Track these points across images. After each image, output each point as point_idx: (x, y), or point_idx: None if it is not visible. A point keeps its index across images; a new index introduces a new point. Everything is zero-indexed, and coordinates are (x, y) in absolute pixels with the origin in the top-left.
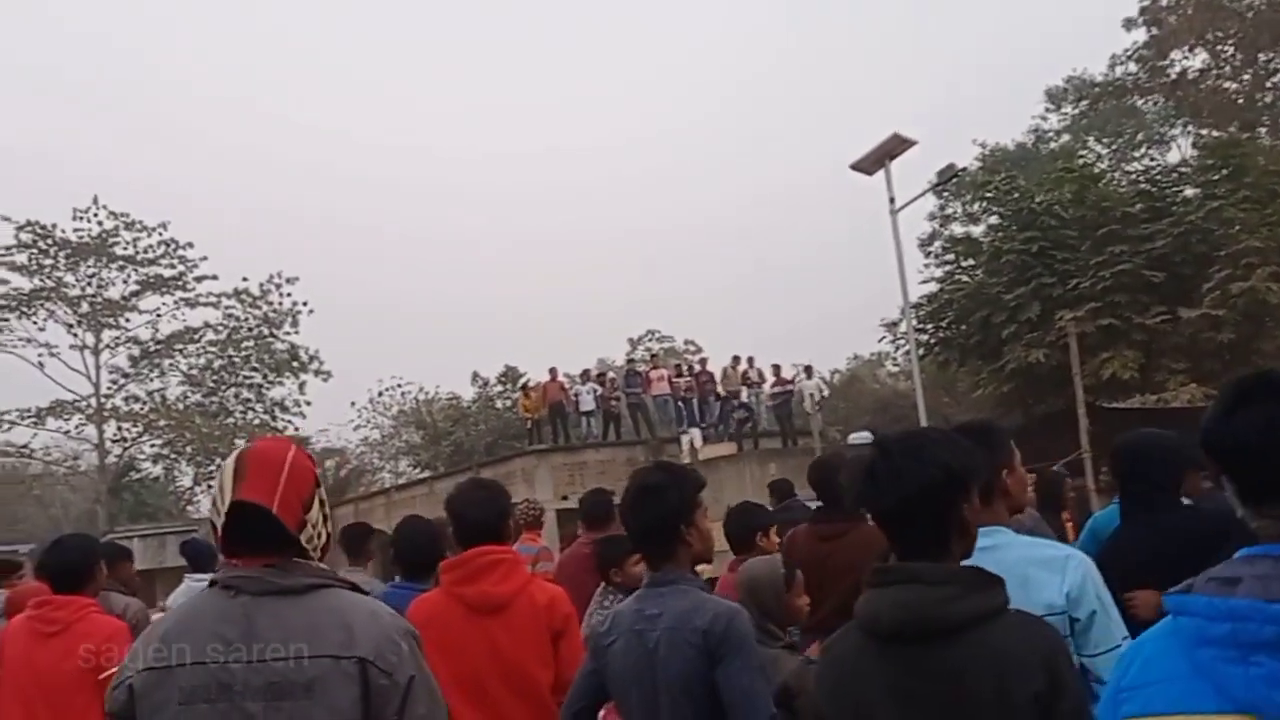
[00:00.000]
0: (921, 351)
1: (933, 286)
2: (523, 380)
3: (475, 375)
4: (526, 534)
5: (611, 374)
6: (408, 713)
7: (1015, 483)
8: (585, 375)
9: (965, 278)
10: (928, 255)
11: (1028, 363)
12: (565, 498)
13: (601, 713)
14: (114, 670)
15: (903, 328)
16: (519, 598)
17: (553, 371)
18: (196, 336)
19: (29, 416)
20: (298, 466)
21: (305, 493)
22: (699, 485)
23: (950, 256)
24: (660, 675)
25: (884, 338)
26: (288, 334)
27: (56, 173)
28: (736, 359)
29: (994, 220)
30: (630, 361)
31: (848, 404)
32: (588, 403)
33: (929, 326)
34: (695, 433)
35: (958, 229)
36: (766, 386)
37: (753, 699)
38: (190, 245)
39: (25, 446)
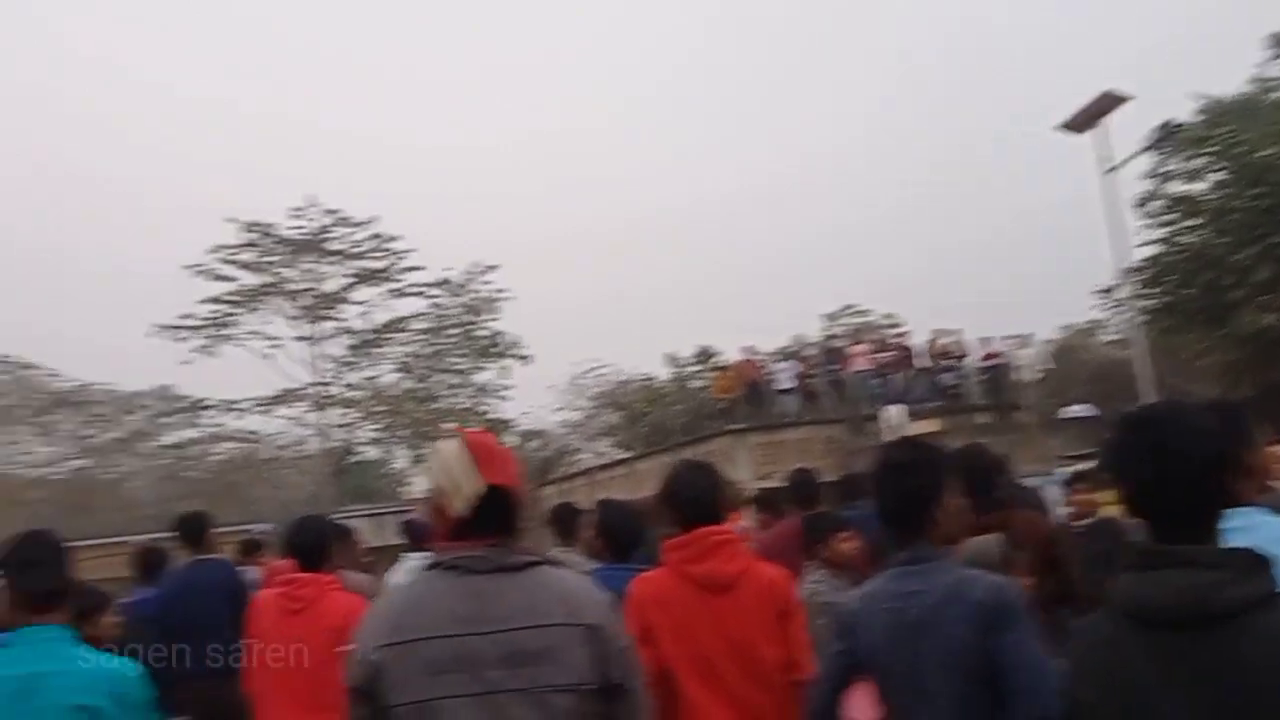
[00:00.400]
0: (1143, 318)
1: (1150, 250)
2: (715, 359)
3: (670, 356)
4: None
5: (810, 351)
6: (629, 675)
7: (1261, 459)
8: (782, 353)
9: (1188, 239)
10: (1144, 217)
11: (1259, 328)
12: (764, 477)
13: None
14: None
15: (1121, 293)
16: (746, 577)
17: (748, 350)
18: (405, 325)
19: (260, 405)
20: (513, 454)
21: (521, 480)
22: (950, 462)
23: (1170, 217)
24: (927, 650)
25: (1099, 305)
26: (489, 320)
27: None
28: (939, 332)
29: (1217, 177)
30: (829, 338)
31: (1060, 375)
32: (785, 380)
33: (1150, 291)
34: (897, 409)
35: (1177, 187)
36: (974, 359)
37: (1039, 668)
38: (398, 238)
39: (254, 433)
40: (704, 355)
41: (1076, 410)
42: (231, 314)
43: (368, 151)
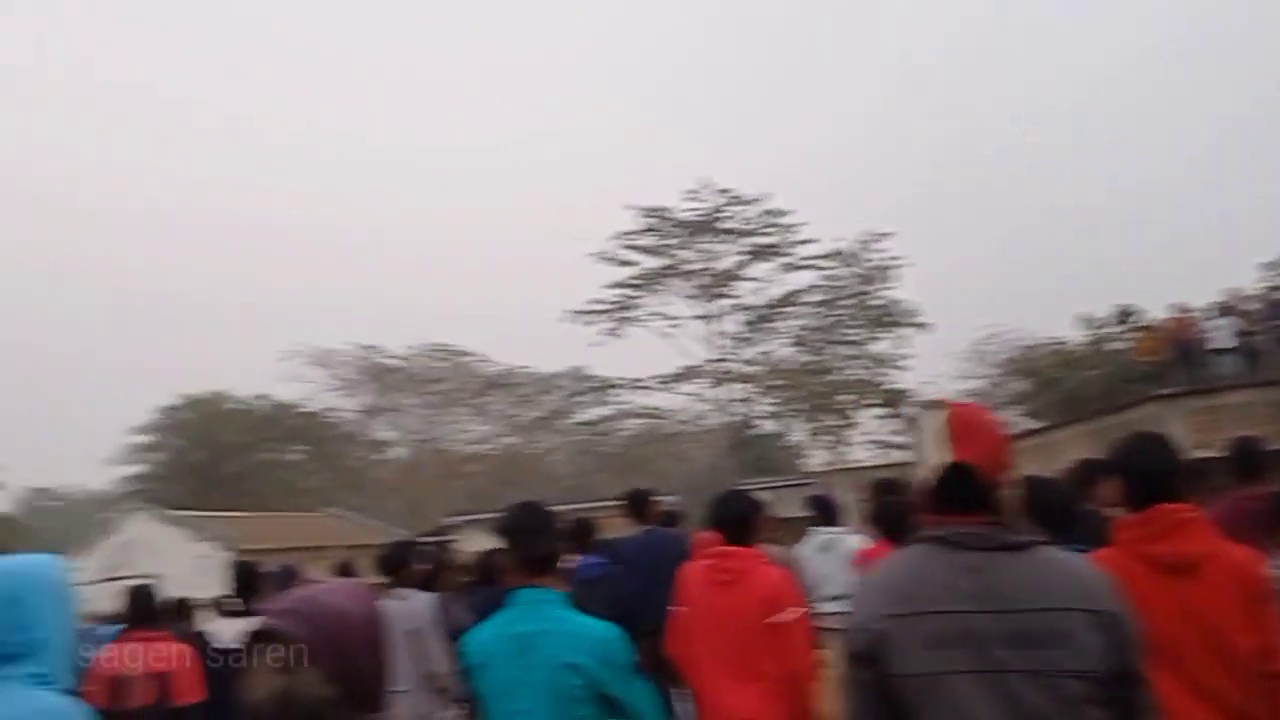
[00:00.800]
0: None
1: None
2: (1136, 319)
3: (1084, 318)
4: None
5: (1250, 304)
6: (1141, 662)
7: None
8: (1219, 308)
9: None
10: None
11: None
12: (1201, 447)
13: None
14: (784, 616)
15: None
16: (1212, 558)
17: (1179, 307)
18: (799, 299)
19: (664, 382)
20: (997, 430)
21: (1003, 458)
22: None
23: None
24: None
25: None
26: (884, 289)
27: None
28: None
29: None
30: (1273, 289)
31: None
32: (1223, 339)
33: None
34: None
35: None
36: None
37: None
38: (789, 212)
39: (658, 409)
40: (1124, 315)
41: None
42: (634, 297)
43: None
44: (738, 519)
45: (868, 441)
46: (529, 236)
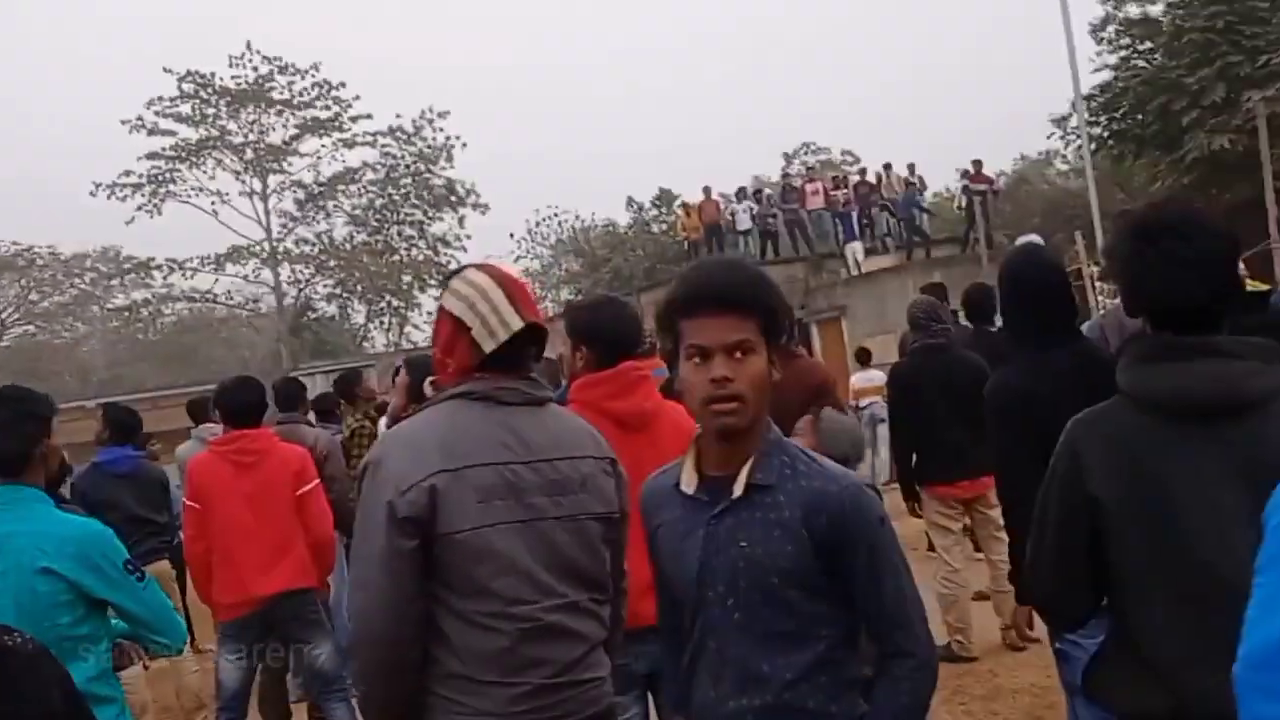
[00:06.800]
0: (1094, 146)
1: (1106, 75)
2: (678, 201)
3: (630, 200)
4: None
5: (768, 191)
6: (628, 503)
7: None
8: (741, 193)
9: (1142, 63)
10: (1100, 42)
11: (1211, 150)
12: None
13: None
14: (309, 487)
15: (1074, 122)
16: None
17: (707, 190)
18: (357, 176)
19: (209, 263)
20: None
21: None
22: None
23: (1125, 41)
24: None
25: (1053, 134)
26: (444, 169)
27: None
28: (888, 166)
29: None
30: (786, 177)
31: (1015, 207)
32: (744, 221)
33: (1102, 119)
34: (856, 245)
35: (1134, 10)
36: (956, 185)
37: None
38: (343, 85)
39: (208, 292)
40: (665, 198)
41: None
42: (172, 170)
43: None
44: (251, 405)
45: (430, 322)
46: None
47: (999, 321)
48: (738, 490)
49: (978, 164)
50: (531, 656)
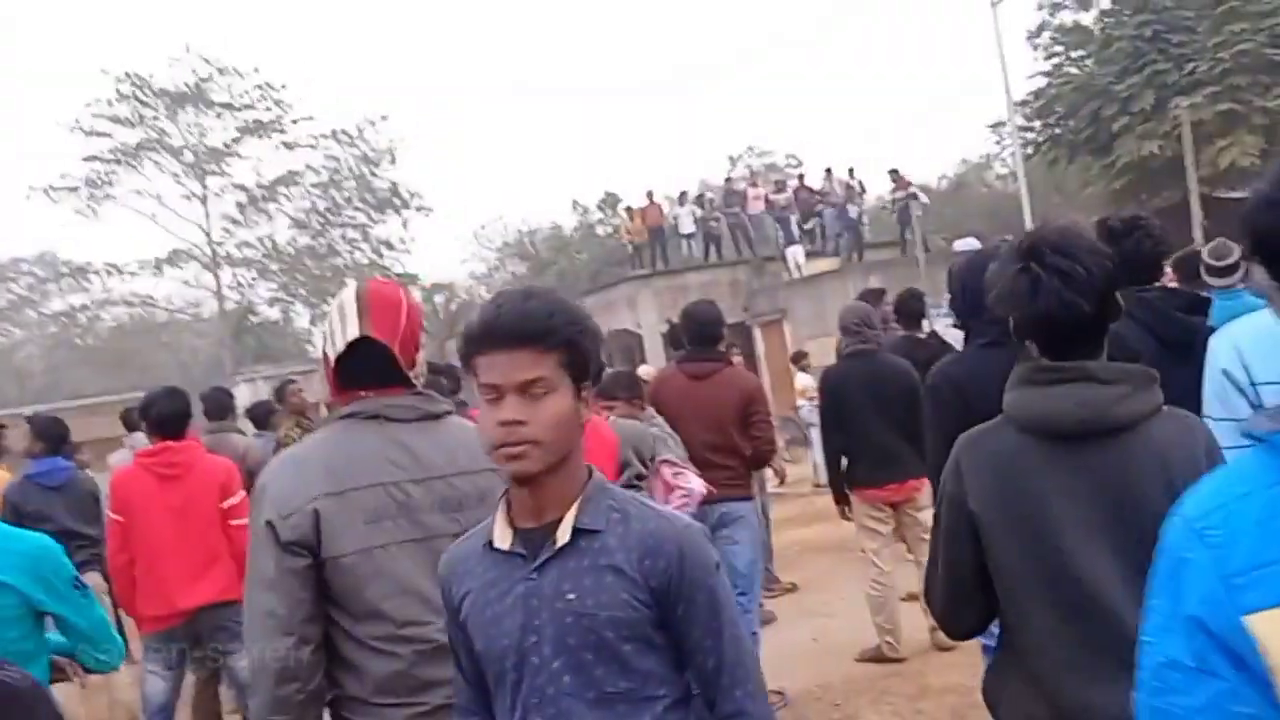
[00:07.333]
0: (1029, 151)
1: (1040, 82)
2: (623, 204)
3: (575, 203)
4: None
5: (710, 194)
6: None
7: None
8: (683, 197)
9: (1074, 70)
10: (1035, 49)
11: (1140, 156)
12: (669, 322)
13: None
14: (236, 500)
15: (1008, 127)
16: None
17: (650, 194)
18: (298, 179)
19: (148, 267)
20: (414, 310)
21: (419, 335)
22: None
23: (1059, 48)
24: None
25: (991, 139)
26: (387, 170)
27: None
28: (829, 171)
29: (1105, 4)
30: (728, 180)
31: (955, 209)
32: (687, 225)
33: (1036, 124)
34: (797, 249)
35: (1067, 18)
36: (886, 193)
37: None
38: (284, 87)
39: (149, 297)
40: (610, 201)
41: (964, 244)
42: (111, 173)
43: None
44: (180, 415)
45: None
46: None
47: (927, 326)
48: (563, 537)
49: (894, 172)
50: (429, 678)
